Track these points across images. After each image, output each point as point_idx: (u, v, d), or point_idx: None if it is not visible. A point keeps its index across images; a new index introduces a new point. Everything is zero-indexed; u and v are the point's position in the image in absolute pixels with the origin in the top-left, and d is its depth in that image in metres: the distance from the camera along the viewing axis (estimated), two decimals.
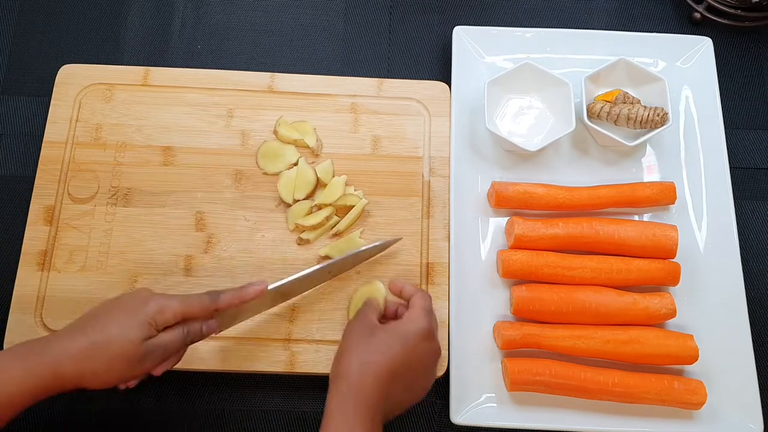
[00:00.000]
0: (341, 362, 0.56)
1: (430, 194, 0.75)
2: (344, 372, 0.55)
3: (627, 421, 0.67)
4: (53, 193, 0.73)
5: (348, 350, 0.56)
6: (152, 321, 0.54)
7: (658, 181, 0.75)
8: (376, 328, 0.58)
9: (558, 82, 0.76)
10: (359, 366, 0.55)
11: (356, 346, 0.56)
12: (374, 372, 0.54)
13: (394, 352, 0.55)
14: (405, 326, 0.58)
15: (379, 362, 0.55)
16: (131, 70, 0.79)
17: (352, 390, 0.54)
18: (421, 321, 0.59)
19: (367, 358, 0.55)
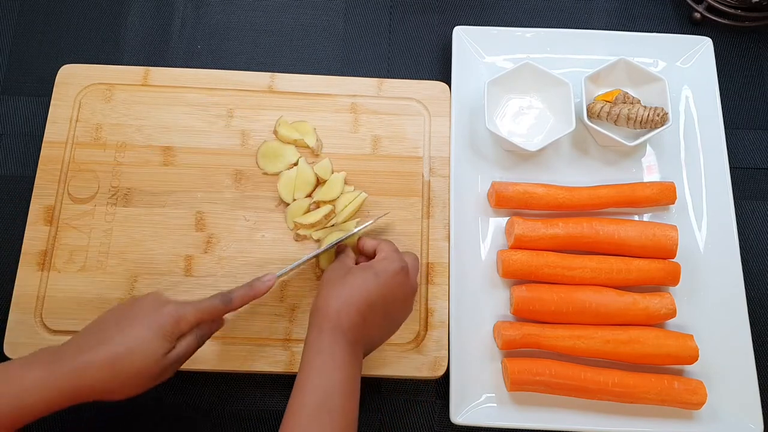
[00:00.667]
0: (318, 300, 0.58)
1: (430, 194, 0.75)
2: (322, 308, 0.57)
3: (627, 421, 0.67)
4: (53, 193, 0.73)
5: (325, 289, 0.59)
6: (170, 334, 0.54)
7: (658, 181, 0.75)
8: (352, 268, 0.60)
9: (558, 82, 0.76)
10: (336, 301, 0.57)
11: (333, 285, 0.58)
12: (351, 305, 0.56)
13: (369, 287, 0.58)
14: (378, 264, 0.60)
15: (355, 296, 0.57)
16: (131, 70, 0.79)
17: (331, 323, 0.56)
18: (393, 259, 0.61)
19: (343, 293, 0.57)
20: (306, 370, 0.54)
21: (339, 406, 0.53)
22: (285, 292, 0.70)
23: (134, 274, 0.71)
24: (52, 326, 0.68)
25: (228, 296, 0.59)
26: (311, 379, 0.54)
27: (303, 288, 0.71)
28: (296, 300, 0.70)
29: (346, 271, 0.60)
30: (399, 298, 0.61)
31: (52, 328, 0.68)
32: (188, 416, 0.69)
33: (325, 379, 0.53)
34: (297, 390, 0.53)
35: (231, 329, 0.69)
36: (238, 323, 0.69)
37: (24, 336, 0.68)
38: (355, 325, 0.56)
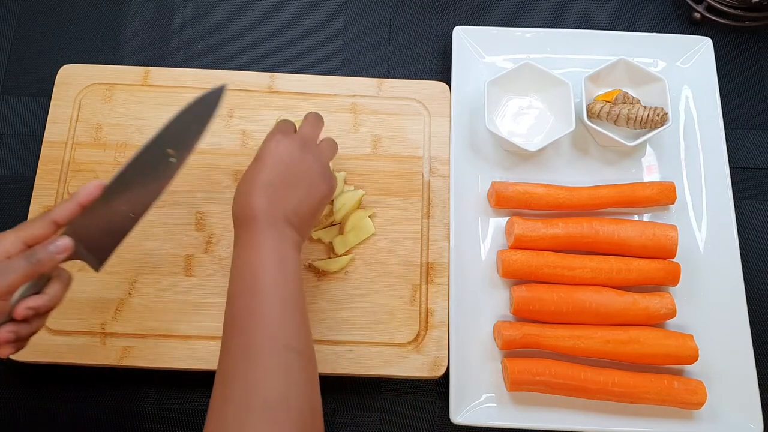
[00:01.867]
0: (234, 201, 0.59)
1: (430, 194, 0.75)
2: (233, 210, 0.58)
3: (627, 421, 0.67)
4: (53, 193, 0.73)
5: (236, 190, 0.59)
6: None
7: (658, 182, 0.75)
8: None
9: (558, 82, 0.76)
10: (238, 196, 0.58)
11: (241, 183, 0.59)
12: (248, 193, 0.56)
13: (255, 171, 0.58)
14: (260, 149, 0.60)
15: (248, 185, 0.57)
16: (131, 70, 0.79)
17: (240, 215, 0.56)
18: (267, 138, 0.61)
19: (241, 188, 0.58)
20: (236, 263, 0.55)
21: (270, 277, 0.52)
22: None
23: (134, 274, 0.71)
24: (52, 326, 0.68)
25: (48, 212, 0.54)
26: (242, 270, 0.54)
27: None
28: None
29: None
30: (295, 161, 0.59)
31: (52, 328, 0.68)
32: (188, 416, 0.69)
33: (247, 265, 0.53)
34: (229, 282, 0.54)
35: None
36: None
37: None
38: (261, 204, 0.56)
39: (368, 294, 0.71)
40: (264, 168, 0.58)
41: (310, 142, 0.62)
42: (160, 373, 0.69)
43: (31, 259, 0.51)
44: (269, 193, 0.56)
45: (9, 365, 0.68)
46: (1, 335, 0.51)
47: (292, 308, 0.53)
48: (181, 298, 0.70)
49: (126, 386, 0.70)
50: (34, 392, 0.69)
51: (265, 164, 0.58)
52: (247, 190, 0.57)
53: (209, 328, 0.69)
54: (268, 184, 0.57)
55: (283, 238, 0.55)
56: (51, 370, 0.69)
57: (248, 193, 0.56)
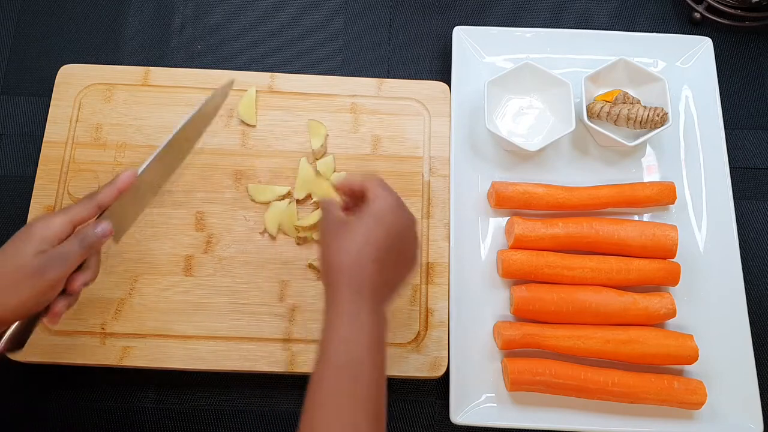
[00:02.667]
0: (327, 258, 0.55)
1: (430, 194, 0.75)
2: (335, 264, 0.54)
3: (627, 421, 0.67)
4: (53, 193, 0.73)
5: (328, 246, 0.55)
6: (40, 238, 0.54)
7: (658, 182, 0.75)
8: (347, 221, 0.57)
9: (558, 82, 0.76)
10: (347, 255, 0.54)
11: (336, 238, 0.55)
12: (363, 256, 0.54)
13: (376, 234, 0.55)
14: (374, 206, 0.56)
15: (364, 247, 0.54)
16: (131, 70, 0.79)
17: (347, 278, 0.53)
18: (385, 196, 0.57)
19: (351, 246, 0.54)
20: (328, 336, 0.52)
21: (367, 370, 0.50)
22: (285, 292, 0.70)
23: (134, 274, 0.71)
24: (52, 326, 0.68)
25: (92, 195, 0.58)
26: (334, 345, 0.51)
27: (303, 288, 0.71)
28: (296, 300, 0.70)
29: (342, 224, 0.56)
30: (405, 233, 0.57)
31: (52, 328, 0.68)
32: (188, 416, 0.69)
33: (350, 343, 0.51)
34: (321, 359, 0.51)
35: (230, 329, 0.69)
36: (238, 323, 0.69)
37: None
38: (372, 276, 0.53)
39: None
40: (376, 233, 0.54)
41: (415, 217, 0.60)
42: (160, 373, 0.69)
43: (83, 244, 0.56)
44: (376, 265, 0.54)
45: (9, 365, 0.68)
46: (59, 308, 0.56)
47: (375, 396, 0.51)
48: (181, 298, 0.70)
49: (126, 386, 0.70)
50: (34, 392, 0.69)
51: (383, 230, 0.55)
52: (357, 250, 0.54)
53: (209, 328, 0.69)
54: (375, 252, 0.54)
55: (377, 314, 0.53)
56: (51, 370, 0.69)
57: (358, 254, 0.53)
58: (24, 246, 0.54)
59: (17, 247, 0.54)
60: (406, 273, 0.58)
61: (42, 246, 0.54)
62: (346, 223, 0.56)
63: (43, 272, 0.53)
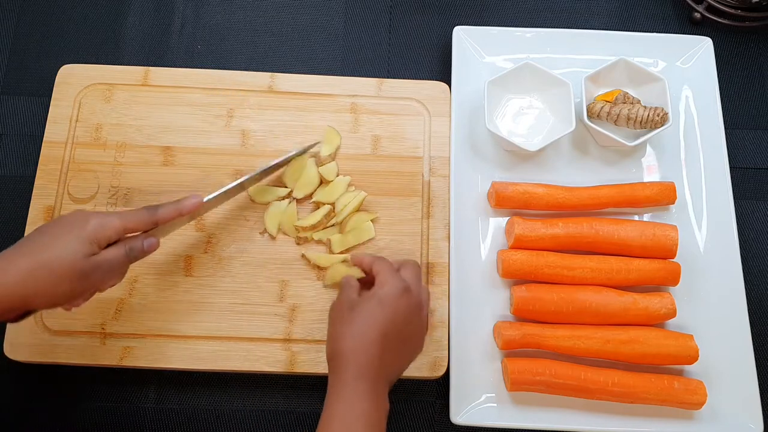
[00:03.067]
0: (332, 342, 0.57)
1: (430, 194, 0.75)
2: (336, 350, 0.56)
3: (627, 421, 0.67)
4: (53, 193, 0.73)
5: (334, 328, 0.58)
6: (94, 238, 0.54)
7: (658, 181, 0.75)
8: (355, 302, 0.59)
9: (558, 82, 0.76)
10: (350, 341, 0.56)
11: (341, 323, 0.57)
12: (364, 342, 0.55)
13: (378, 318, 0.56)
14: (379, 290, 0.58)
15: (366, 331, 0.56)
16: (131, 70, 0.79)
17: (348, 364, 0.55)
18: (391, 282, 0.59)
19: (354, 330, 0.56)
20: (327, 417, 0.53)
21: None
22: (285, 292, 0.70)
23: (134, 274, 0.71)
24: (52, 326, 0.68)
25: (155, 209, 0.59)
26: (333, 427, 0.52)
27: (303, 288, 0.71)
28: (296, 300, 0.70)
29: (351, 306, 0.58)
30: (410, 320, 0.59)
31: (52, 328, 0.68)
32: (188, 416, 0.69)
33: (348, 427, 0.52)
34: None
35: (231, 329, 0.69)
36: (238, 323, 0.69)
37: (24, 336, 0.68)
38: (373, 360, 0.55)
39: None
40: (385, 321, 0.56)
41: (418, 297, 0.61)
42: (160, 373, 0.69)
43: (130, 255, 0.58)
44: (380, 349, 0.55)
45: (9, 365, 0.68)
46: (79, 302, 0.57)
47: None
48: (181, 298, 0.70)
49: (126, 386, 0.70)
50: (34, 392, 0.69)
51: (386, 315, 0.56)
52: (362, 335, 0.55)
53: (209, 328, 0.69)
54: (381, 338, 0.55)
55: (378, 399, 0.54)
56: (51, 370, 0.69)
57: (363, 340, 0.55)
58: (77, 243, 0.54)
59: (69, 242, 0.54)
60: (411, 356, 0.60)
61: (93, 247, 0.54)
62: (352, 304, 0.59)
63: (89, 276, 0.54)
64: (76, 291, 0.54)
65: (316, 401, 0.70)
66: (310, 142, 0.74)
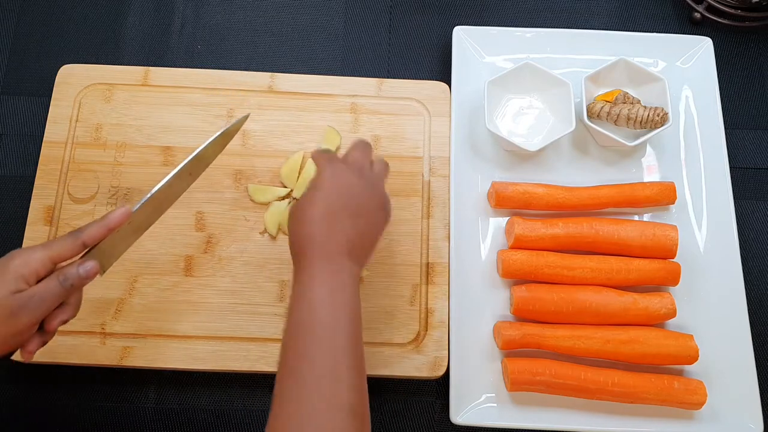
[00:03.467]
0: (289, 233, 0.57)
1: (430, 194, 0.75)
2: (290, 243, 0.56)
3: (627, 421, 0.67)
4: (53, 193, 0.73)
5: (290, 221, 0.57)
6: (19, 275, 0.52)
7: (658, 181, 0.75)
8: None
9: (558, 82, 0.76)
10: (295, 224, 0.56)
11: (290, 219, 0.57)
12: (305, 224, 0.55)
13: (312, 200, 0.56)
14: (315, 178, 0.58)
15: (307, 211, 0.55)
16: (131, 70, 0.79)
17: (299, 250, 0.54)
18: (324, 167, 0.58)
19: (297, 214, 0.56)
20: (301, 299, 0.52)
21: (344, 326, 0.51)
22: (285, 292, 0.70)
23: (134, 274, 0.71)
24: None
25: (79, 231, 0.55)
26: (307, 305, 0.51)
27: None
28: None
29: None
30: (355, 193, 0.57)
31: None
32: (188, 416, 0.69)
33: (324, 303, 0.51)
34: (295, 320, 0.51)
35: (231, 329, 0.69)
36: (238, 323, 0.69)
37: None
38: (321, 240, 0.54)
39: (368, 294, 0.71)
40: (322, 197, 0.56)
41: (365, 168, 0.60)
42: (160, 373, 0.69)
43: (65, 284, 0.53)
44: (332, 224, 0.54)
45: (9, 365, 0.68)
46: (32, 347, 0.54)
47: (350, 356, 0.50)
48: (181, 298, 0.70)
49: (126, 386, 0.70)
50: (34, 392, 0.69)
51: (323, 193, 0.56)
52: (304, 220, 0.55)
53: (209, 328, 0.69)
54: (327, 214, 0.55)
55: (345, 273, 0.53)
56: (51, 370, 0.69)
57: (304, 224, 0.55)
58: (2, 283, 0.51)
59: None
60: (373, 229, 0.59)
61: (19, 284, 0.51)
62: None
63: (18, 314, 0.51)
64: (12, 331, 0.51)
65: None
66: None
